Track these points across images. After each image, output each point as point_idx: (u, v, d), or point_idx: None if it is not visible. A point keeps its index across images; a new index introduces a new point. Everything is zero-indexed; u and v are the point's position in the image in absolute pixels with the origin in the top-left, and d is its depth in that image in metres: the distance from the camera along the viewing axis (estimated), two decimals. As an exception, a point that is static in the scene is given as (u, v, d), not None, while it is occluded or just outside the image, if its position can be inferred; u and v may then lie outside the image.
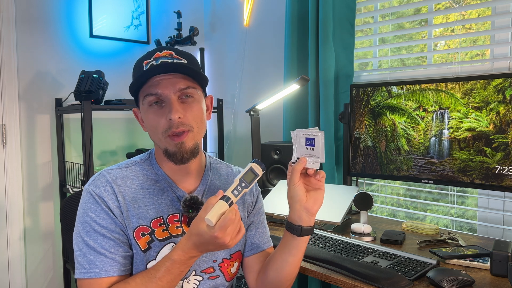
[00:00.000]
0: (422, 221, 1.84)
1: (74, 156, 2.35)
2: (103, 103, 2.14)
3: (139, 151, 2.29)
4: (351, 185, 1.79)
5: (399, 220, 1.77)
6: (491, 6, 1.64)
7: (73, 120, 2.35)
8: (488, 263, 1.13)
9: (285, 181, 1.83)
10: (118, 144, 2.52)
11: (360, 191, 1.52)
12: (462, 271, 1.09)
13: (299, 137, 0.94)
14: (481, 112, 1.36)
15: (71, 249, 0.95)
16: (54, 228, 2.30)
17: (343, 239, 1.35)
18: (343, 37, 1.92)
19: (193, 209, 0.95)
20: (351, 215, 1.75)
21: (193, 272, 0.99)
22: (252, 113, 1.90)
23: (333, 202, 1.56)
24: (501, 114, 1.32)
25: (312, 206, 0.95)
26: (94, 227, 0.91)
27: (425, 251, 1.30)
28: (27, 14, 2.19)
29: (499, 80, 1.32)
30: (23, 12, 2.18)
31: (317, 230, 1.46)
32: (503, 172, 1.31)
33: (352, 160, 1.67)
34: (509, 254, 1.07)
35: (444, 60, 1.79)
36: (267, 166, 1.98)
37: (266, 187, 1.95)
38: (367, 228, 1.43)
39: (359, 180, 1.90)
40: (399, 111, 1.54)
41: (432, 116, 1.46)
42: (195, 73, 0.95)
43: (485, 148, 1.35)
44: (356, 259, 1.20)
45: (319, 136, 0.92)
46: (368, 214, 1.71)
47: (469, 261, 1.17)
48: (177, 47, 2.49)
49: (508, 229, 1.55)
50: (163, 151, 0.96)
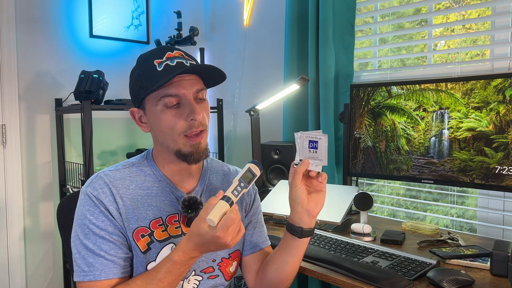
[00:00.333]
0: (422, 221, 1.84)
1: (74, 156, 2.35)
2: (103, 103, 2.14)
3: (139, 151, 2.28)
4: (351, 185, 1.79)
5: (399, 220, 1.77)
6: (491, 6, 1.64)
7: (73, 120, 2.35)
8: (488, 263, 1.13)
9: (285, 181, 1.83)
10: (118, 144, 2.52)
11: (360, 191, 1.52)
12: (462, 271, 1.09)
13: (302, 139, 0.94)
14: (481, 112, 1.36)
15: (69, 251, 0.94)
16: (54, 228, 2.30)
17: (343, 239, 1.35)
18: (343, 37, 1.92)
19: (192, 209, 0.95)
20: (351, 215, 1.75)
21: (193, 272, 0.99)
22: (252, 113, 1.90)
23: (333, 202, 1.56)
24: (501, 114, 1.32)
25: (313, 208, 0.96)
26: (92, 230, 0.91)
27: (425, 251, 1.30)
28: (27, 14, 2.19)
29: (499, 80, 1.32)
30: (23, 12, 2.18)
31: (317, 230, 1.46)
32: (503, 172, 1.31)
33: (352, 160, 1.67)
34: (509, 254, 1.07)
35: (444, 60, 1.79)
36: (267, 166, 1.98)
37: (266, 187, 1.95)
38: (367, 228, 1.43)
39: (359, 180, 1.90)
40: (399, 111, 1.54)
41: (432, 116, 1.46)
42: (221, 73, 0.97)
43: (485, 148, 1.35)
44: (356, 259, 1.20)
45: (323, 139, 0.93)
46: (368, 214, 1.71)
47: (469, 261, 1.17)
48: (177, 47, 2.49)
49: (508, 229, 1.55)
50: (174, 152, 0.95)
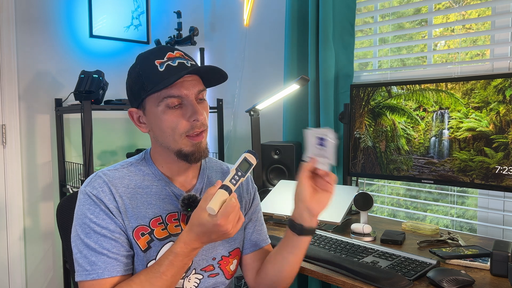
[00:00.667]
0: (422, 221, 1.84)
1: (74, 156, 2.35)
2: (103, 103, 2.14)
3: (139, 151, 2.28)
4: (351, 185, 1.79)
5: (399, 220, 1.77)
6: (491, 6, 1.64)
7: (73, 120, 2.35)
8: (488, 263, 1.13)
9: (285, 181, 1.84)
10: (118, 144, 2.52)
11: (360, 191, 1.52)
12: (462, 271, 1.09)
13: (311, 136, 0.95)
14: (481, 112, 1.36)
15: (69, 251, 0.94)
16: (54, 228, 2.30)
17: (343, 239, 1.35)
18: (343, 37, 1.92)
19: (192, 208, 0.95)
20: (351, 215, 1.75)
21: (193, 270, 0.99)
22: (252, 113, 1.90)
23: (333, 202, 1.56)
24: (501, 114, 1.32)
25: (314, 207, 0.95)
26: (93, 228, 0.90)
27: (425, 251, 1.30)
28: (27, 14, 2.19)
29: (499, 80, 1.32)
30: (23, 12, 2.18)
31: (317, 230, 1.46)
32: (503, 172, 1.31)
33: (352, 160, 1.67)
34: (509, 254, 1.07)
35: (444, 60, 1.79)
36: (267, 166, 1.98)
37: (266, 187, 1.95)
38: (367, 228, 1.43)
39: (359, 180, 1.90)
40: (399, 111, 1.54)
41: (432, 116, 1.46)
42: (223, 74, 0.97)
43: (485, 148, 1.35)
44: (356, 259, 1.20)
45: (331, 137, 0.93)
46: (368, 214, 1.71)
47: (469, 261, 1.17)
48: (177, 47, 2.49)
49: (508, 229, 1.55)
50: (175, 152, 0.96)
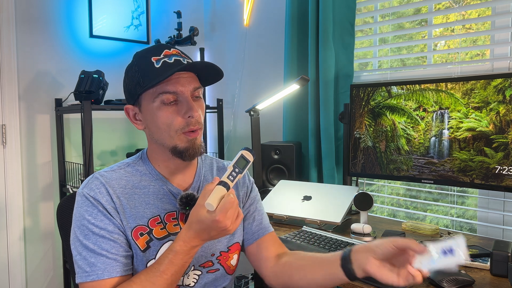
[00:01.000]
0: (422, 221, 1.84)
1: (74, 156, 2.35)
2: (103, 103, 2.14)
3: (139, 151, 2.28)
4: (351, 185, 1.79)
5: (399, 220, 1.77)
6: (491, 6, 1.64)
7: (73, 120, 2.35)
8: (488, 263, 1.13)
9: (285, 181, 1.84)
10: (118, 144, 2.52)
11: (360, 191, 1.52)
12: (462, 271, 1.09)
13: (433, 249, 0.77)
14: (481, 112, 1.36)
15: (69, 251, 0.94)
16: (54, 228, 2.30)
17: (343, 239, 1.35)
18: (343, 37, 1.92)
19: (190, 206, 0.95)
20: (351, 215, 1.75)
21: (192, 267, 0.99)
22: (252, 113, 1.90)
23: (333, 202, 1.56)
24: (501, 114, 1.32)
25: (370, 269, 0.82)
26: (92, 230, 0.90)
27: (425, 251, 1.30)
28: (27, 14, 2.19)
29: (499, 80, 1.32)
30: (23, 12, 2.18)
31: (317, 230, 1.46)
32: (503, 172, 1.31)
33: (352, 160, 1.67)
34: (509, 254, 1.07)
35: (444, 60, 1.79)
36: (267, 166, 1.98)
37: (266, 187, 1.95)
38: (367, 228, 1.43)
39: (359, 180, 1.90)
40: (399, 111, 1.54)
41: (432, 116, 1.46)
42: (219, 71, 0.97)
43: (485, 148, 1.35)
44: (356, 259, 1.19)
45: (461, 249, 0.75)
46: (368, 214, 1.71)
47: (469, 261, 1.17)
48: (177, 47, 2.49)
49: (508, 229, 1.55)
50: (170, 149, 0.96)
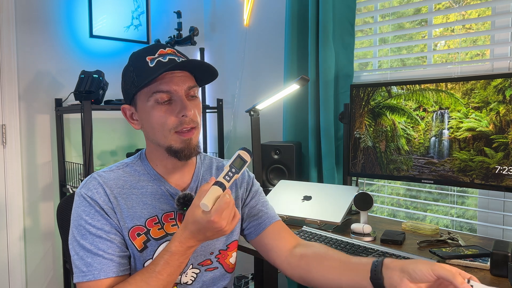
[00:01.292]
0: (422, 221, 1.84)
1: (74, 156, 2.35)
2: (103, 103, 2.14)
3: (139, 151, 2.28)
4: (351, 185, 1.78)
5: (399, 220, 1.77)
6: (491, 6, 1.64)
7: (73, 120, 2.35)
8: (488, 263, 1.13)
9: (285, 181, 1.84)
10: (118, 144, 2.52)
11: (360, 191, 1.52)
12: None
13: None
14: (481, 112, 1.36)
15: (69, 251, 0.94)
16: (54, 228, 2.30)
17: (343, 239, 1.35)
18: (343, 37, 1.92)
19: (187, 207, 0.94)
20: (351, 215, 1.74)
21: (190, 265, 0.99)
22: (252, 113, 1.90)
23: (333, 202, 1.56)
24: (501, 114, 1.32)
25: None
26: (89, 230, 0.91)
27: (425, 251, 1.30)
28: (27, 14, 2.19)
29: (499, 80, 1.32)
30: (23, 12, 2.18)
31: (317, 230, 1.46)
32: (503, 172, 1.31)
33: (352, 160, 1.67)
34: (509, 254, 1.07)
35: (444, 60, 1.79)
36: (267, 166, 1.98)
37: (266, 187, 1.95)
38: (367, 228, 1.43)
39: (359, 180, 1.90)
40: (399, 111, 1.54)
41: (432, 116, 1.46)
42: (213, 70, 0.96)
43: (485, 148, 1.35)
44: (356, 259, 1.20)
45: None
46: (368, 214, 1.71)
47: (469, 261, 1.17)
48: (177, 47, 2.49)
49: (508, 229, 1.55)
50: (165, 148, 0.96)
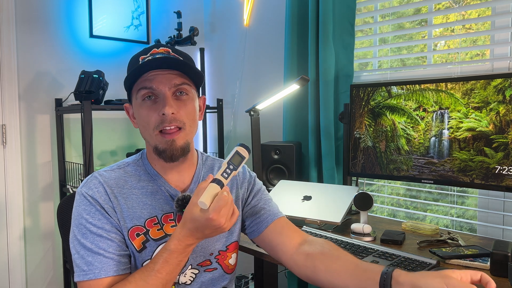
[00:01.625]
0: (422, 221, 1.84)
1: (74, 156, 2.35)
2: (103, 103, 2.14)
3: (139, 151, 2.28)
4: (351, 185, 1.79)
5: (399, 220, 1.77)
6: (491, 6, 1.64)
7: (73, 120, 2.35)
8: (488, 263, 1.13)
9: (285, 181, 1.84)
10: (118, 144, 2.52)
11: (360, 191, 1.52)
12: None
13: None
14: (481, 112, 1.36)
15: (69, 251, 0.94)
16: (54, 228, 2.30)
17: (343, 239, 1.35)
18: (343, 37, 1.92)
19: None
20: (351, 215, 1.74)
21: (189, 266, 0.99)
22: (252, 113, 1.90)
23: (333, 202, 1.56)
24: (501, 114, 1.32)
25: None
26: (90, 229, 0.91)
27: (425, 251, 1.30)
28: (27, 14, 2.19)
29: (499, 80, 1.32)
30: (23, 12, 2.18)
31: (317, 230, 1.46)
32: (503, 172, 1.31)
33: (352, 160, 1.67)
34: (509, 254, 1.07)
35: (444, 60, 1.79)
36: (267, 166, 1.98)
37: (266, 187, 1.95)
38: (367, 228, 1.43)
39: (359, 180, 1.90)
40: (399, 111, 1.54)
41: (432, 116, 1.46)
42: (190, 69, 0.94)
43: (485, 148, 1.35)
44: (356, 259, 1.20)
45: None
46: (368, 214, 1.71)
47: (469, 261, 1.17)
48: (177, 47, 2.49)
49: (508, 229, 1.55)
50: (153, 148, 0.96)
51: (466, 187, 1.45)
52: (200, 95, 1.05)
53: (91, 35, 2.38)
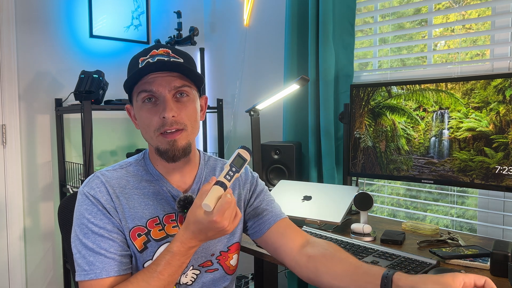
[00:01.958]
0: (422, 221, 1.84)
1: (74, 156, 2.35)
2: (103, 103, 2.14)
3: (139, 151, 2.28)
4: (351, 185, 1.79)
5: (399, 220, 1.77)
6: (491, 6, 1.64)
7: (73, 120, 2.35)
8: (488, 263, 1.13)
9: (285, 181, 1.84)
10: (118, 144, 2.52)
11: (360, 191, 1.52)
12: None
13: None
14: (481, 112, 1.36)
15: (70, 251, 0.94)
16: (54, 228, 2.30)
17: (343, 239, 1.35)
18: (343, 37, 1.92)
19: (188, 209, 0.94)
20: (351, 215, 1.75)
21: (190, 267, 0.99)
22: (252, 113, 1.90)
23: (333, 202, 1.56)
24: (501, 114, 1.32)
25: None
26: (91, 228, 0.91)
27: (425, 251, 1.30)
28: (27, 14, 2.19)
29: (499, 80, 1.32)
30: (23, 12, 2.18)
31: (317, 230, 1.46)
32: (503, 172, 1.31)
33: (352, 160, 1.67)
34: (509, 254, 1.07)
35: (444, 60, 1.79)
36: (267, 166, 1.98)
37: (266, 187, 1.95)
38: (367, 228, 1.43)
39: (359, 180, 1.90)
40: (399, 111, 1.54)
41: (432, 116, 1.46)
42: (189, 72, 0.94)
43: (485, 148, 1.35)
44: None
45: None
46: (368, 214, 1.71)
47: (469, 261, 1.17)
48: (177, 47, 2.49)
49: (508, 229, 1.55)
50: (155, 149, 0.96)
51: (466, 187, 1.45)
52: (204, 95, 1.05)
53: (91, 35, 2.38)
